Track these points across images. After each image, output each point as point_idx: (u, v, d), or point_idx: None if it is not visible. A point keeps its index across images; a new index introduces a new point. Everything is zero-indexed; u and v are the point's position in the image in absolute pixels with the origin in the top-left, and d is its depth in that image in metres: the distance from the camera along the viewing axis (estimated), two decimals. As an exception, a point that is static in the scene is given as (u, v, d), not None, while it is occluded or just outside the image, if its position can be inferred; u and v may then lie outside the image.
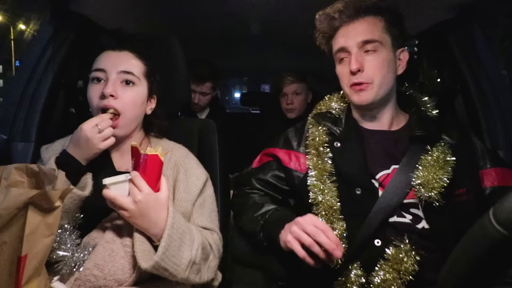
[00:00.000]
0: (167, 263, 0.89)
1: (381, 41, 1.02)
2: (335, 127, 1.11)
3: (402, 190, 0.98)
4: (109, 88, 1.00)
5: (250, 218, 1.11)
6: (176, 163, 1.09)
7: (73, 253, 0.91)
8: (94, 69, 1.04)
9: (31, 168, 0.83)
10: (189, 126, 1.35)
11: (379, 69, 1.02)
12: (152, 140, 1.17)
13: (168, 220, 0.91)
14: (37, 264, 0.74)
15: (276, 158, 1.19)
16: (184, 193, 1.05)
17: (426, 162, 0.99)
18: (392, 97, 1.09)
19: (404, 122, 1.11)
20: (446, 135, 1.06)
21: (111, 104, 1.00)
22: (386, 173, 1.03)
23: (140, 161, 0.88)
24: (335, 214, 1.02)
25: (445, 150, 1.01)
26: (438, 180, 0.96)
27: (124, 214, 0.89)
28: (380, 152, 1.06)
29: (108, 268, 0.91)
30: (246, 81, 7.54)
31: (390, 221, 0.99)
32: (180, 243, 0.92)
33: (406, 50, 1.06)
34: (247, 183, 1.23)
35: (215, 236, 1.07)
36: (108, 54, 1.07)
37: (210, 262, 1.02)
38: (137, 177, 0.88)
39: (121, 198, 0.87)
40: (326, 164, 1.06)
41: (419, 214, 0.99)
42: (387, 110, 1.09)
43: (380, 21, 1.03)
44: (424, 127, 1.04)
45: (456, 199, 0.98)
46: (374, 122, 1.10)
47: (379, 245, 0.97)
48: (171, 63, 1.28)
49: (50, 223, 0.74)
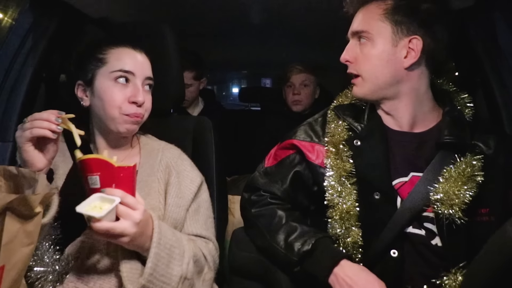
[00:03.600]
0: (155, 283, 0.88)
1: (372, 32, 0.99)
2: (356, 123, 1.07)
3: (422, 203, 0.97)
4: (141, 96, 1.03)
5: (283, 244, 1.03)
6: (167, 165, 1.09)
7: (53, 267, 0.90)
8: (122, 69, 1.03)
9: (9, 171, 0.82)
10: (183, 124, 1.35)
11: (367, 61, 1.01)
12: (141, 138, 1.17)
13: (154, 236, 0.89)
14: (16, 276, 0.73)
15: (298, 150, 1.13)
16: (176, 198, 1.05)
17: (450, 174, 0.95)
18: (405, 93, 1.03)
19: (435, 122, 1.06)
20: (482, 142, 1.01)
21: (140, 112, 1.04)
22: (403, 181, 1.01)
23: (119, 175, 0.83)
24: (351, 220, 1.00)
25: (475, 162, 0.96)
26: (461, 196, 0.93)
27: (124, 241, 0.85)
28: (399, 156, 1.03)
29: (94, 281, 0.91)
30: (245, 75, 7.52)
31: (407, 231, 0.98)
32: (168, 260, 0.91)
33: (418, 38, 0.97)
34: (268, 188, 1.15)
35: (211, 246, 1.07)
36: (131, 54, 1.07)
37: (205, 275, 1.02)
38: (126, 197, 0.83)
39: (120, 225, 0.82)
40: (346, 164, 1.03)
41: (433, 230, 0.97)
42: (403, 108, 1.04)
43: (380, 8, 0.99)
44: (456, 132, 0.99)
45: (478, 218, 0.95)
46: (394, 120, 1.06)
47: (395, 256, 0.97)
48: (163, 55, 1.28)
49: (30, 231, 0.74)
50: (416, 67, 1.01)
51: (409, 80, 1.02)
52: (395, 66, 1.00)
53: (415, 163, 1.02)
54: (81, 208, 0.79)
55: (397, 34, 0.98)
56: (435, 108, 1.08)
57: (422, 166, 1.00)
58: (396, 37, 0.98)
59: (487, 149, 1.00)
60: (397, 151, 1.03)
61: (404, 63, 0.99)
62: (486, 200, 0.96)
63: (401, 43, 0.98)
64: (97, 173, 0.82)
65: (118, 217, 0.83)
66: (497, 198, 0.98)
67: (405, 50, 0.99)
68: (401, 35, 0.98)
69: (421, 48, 0.97)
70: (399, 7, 0.98)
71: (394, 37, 0.98)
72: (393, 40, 0.99)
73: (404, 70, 1.00)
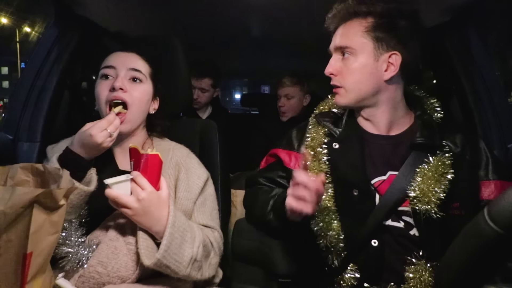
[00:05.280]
0: (169, 260, 0.89)
1: (356, 47, 0.98)
2: (335, 128, 1.08)
3: (399, 199, 0.97)
4: (119, 82, 1.03)
5: (260, 204, 1.11)
6: (177, 162, 1.09)
7: (77, 250, 0.91)
8: (104, 66, 1.07)
9: (36, 168, 0.83)
10: (191, 126, 1.35)
11: (350, 75, 1.01)
12: (154, 140, 1.17)
13: (169, 219, 0.91)
14: (42, 261, 0.74)
15: (278, 159, 1.18)
16: (185, 192, 1.05)
17: (424, 173, 0.96)
18: (383, 102, 1.03)
19: (408, 125, 1.06)
20: (451, 141, 1.01)
21: (120, 96, 1.02)
22: (382, 179, 1.01)
23: (141, 161, 0.89)
24: (331, 214, 1.01)
25: (445, 160, 0.97)
26: (435, 193, 0.93)
27: (128, 213, 0.89)
28: (377, 157, 1.03)
29: (112, 265, 0.91)
30: (246, 83, 7.53)
31: (386, 224, 0.98)
32: (181, 241, 0.92)
33: (397, 53, 0.97)
34: (256, 183, 1.22)
35: (216, 234, 1.07)
36: (117, 53, 1.10)
37: (211, 259, 1.02)
38: (138, 176, 0.88)
39: (124, 196, 0.87)
40: (322, 165, 1.04)
41: (411, 222, 0.97)
42: (381, 114, 1.04)
43: (361, 26, 0.98)
44: (427, 134, 1.00)
45: (450, 212, 0.95)
46: (372, 125, 1.07)
47: (376, 245, 0.97)
48: (173, 65, 1.28)
49: (55, 221, 0.74)
50: (394, 79, 1.01)
51: (387, 90, 1.02)
52: (376, 78, 0.99)
53: (392, 162, 1.02)
54: (108, 180, 0.87)
55: (378, 49, 0.98)
56: (408, 112, 1.08)
57: (398, 165, 1.00)
58: (377, 52, 0.98)
59: (455, 148, 1.01)
60: (375, 153, 1.04)
61: (384, 76, 0.99)
62: (456, 195, 0.96)
63: (381, 58, 0.98)
64: (133, 159, 0.91)
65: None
66: (466, 193, 0.98)
67: (386, 64, 0.98)
68: (381, 51, 0.98)
69: (400, 63, 0.97)
70: (379, 25, 0.97)
71: (376, 52, 0.98)
72: (375, 55, 0.98)
73: (384, 82, 1.00)
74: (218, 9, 1.58)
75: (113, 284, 0.91)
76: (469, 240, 0.60)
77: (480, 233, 0.57)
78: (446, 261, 0.65)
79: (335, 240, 0.99)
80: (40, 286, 0.74)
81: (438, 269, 0.66)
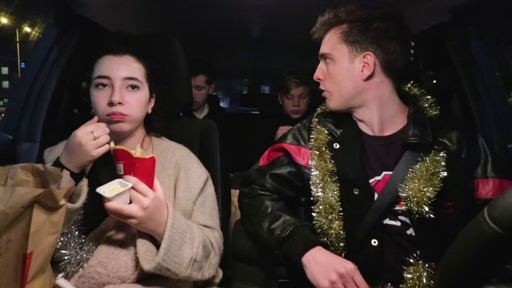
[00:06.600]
0: (169, 263, 0.89)
1: (334, 53, 1.05)
2: (335, 129, 1.09)
3: (394, 199, 0.97)
4: (117, 96, 0.99)
5: (266, 230, 1.04)
6: (177, 162, 1.09)
7: (77, 252, 0.91)
8: (98, 76, 1.02)
9: (36, 168, 0.83)
10: (191, 126, 1.35)
11: (331, 79, 1.07)
12: (153, 139, 1.17)
13: (168, 221, 0.90)
14: (42, 261, 0.74)
15: (286, 153, 1.15)
16: (185, 192, 1.05)
17: (416, 173, 0.96)
18: (370, 101, 1.05)
19: (403, 125, 1.06)
20: (447, 139, 1.01)
21: (119, 111, 1.00)
22: (377, 179, 1.02)
23: (136, 165, 0.86)
24: (334, 213, 1.01)
25: (439, 159, 0.96)
26: (426, 193, 0.93)
27: (132, 222, 0.87)
28: (372, 158, 1.04)
29: (112, 265, 0.91)
30: (246, 83, 7.53)
31: (384, 223, 0.99)
32: (181, 243, 0.92)
33: (370, 54, 1.01)
34: (259, 182, 1.17)
35: (216, 234, 1.07)
36: (110, 59, 1.05)
37: (211, 260, 1.02)
38: (138, 183, 0.86)
39: (128, 207, 0.85)
40: (328, 164, 1.05)
41: (407, 221, 0.98)
42: (371, 114, 1.06)
43: (337, 33, 1.05)
44: (420, 133, 0.99)
45: (444, 211, 0.95)
46: (366, 126, 1.08)
47: (375, 245, 0.97)
48: (172, 64, 1.28)
49: (55, 221, 0.74)
50: (374, 77, 1.04)
51: (370, 89, 1.04)
52: (354, 79, 1.04)
53: (386, 163, 1.02)
54: (100, 189, 0.82)
55: (353, 52, 1.03)
56: (402, 111, 1.08)
57: (392, 166, 1.01)
58: (352, 55, 1.03)
59: (452, 145, 1.00)
60: (370, 153, 1.05)
61: (362, 76, 1.03)
62: (450, 194, 0.95)
63: (356, 59, 1.03)
64: (122, 161, 0.87)
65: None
66: (460, 192, 0.97)
67: (361, 64, 1.03)
68: (356, 53, 1.03)
69: (374, 61, 1.02)
70: (351, 29, 1.03)
71: (351, 55, 1.03)
72: (350, 58, 1.03)
73: (363, 81, 1.03)
74: (218, 9, 1.58)
75: (113, 284, 0.91)
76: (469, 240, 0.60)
77: (480, 233, 0.56)
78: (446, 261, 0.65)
79: (336, 238, 1.00)
80: (40, 286, 0.74)
81: (438, 269, 0.66)
